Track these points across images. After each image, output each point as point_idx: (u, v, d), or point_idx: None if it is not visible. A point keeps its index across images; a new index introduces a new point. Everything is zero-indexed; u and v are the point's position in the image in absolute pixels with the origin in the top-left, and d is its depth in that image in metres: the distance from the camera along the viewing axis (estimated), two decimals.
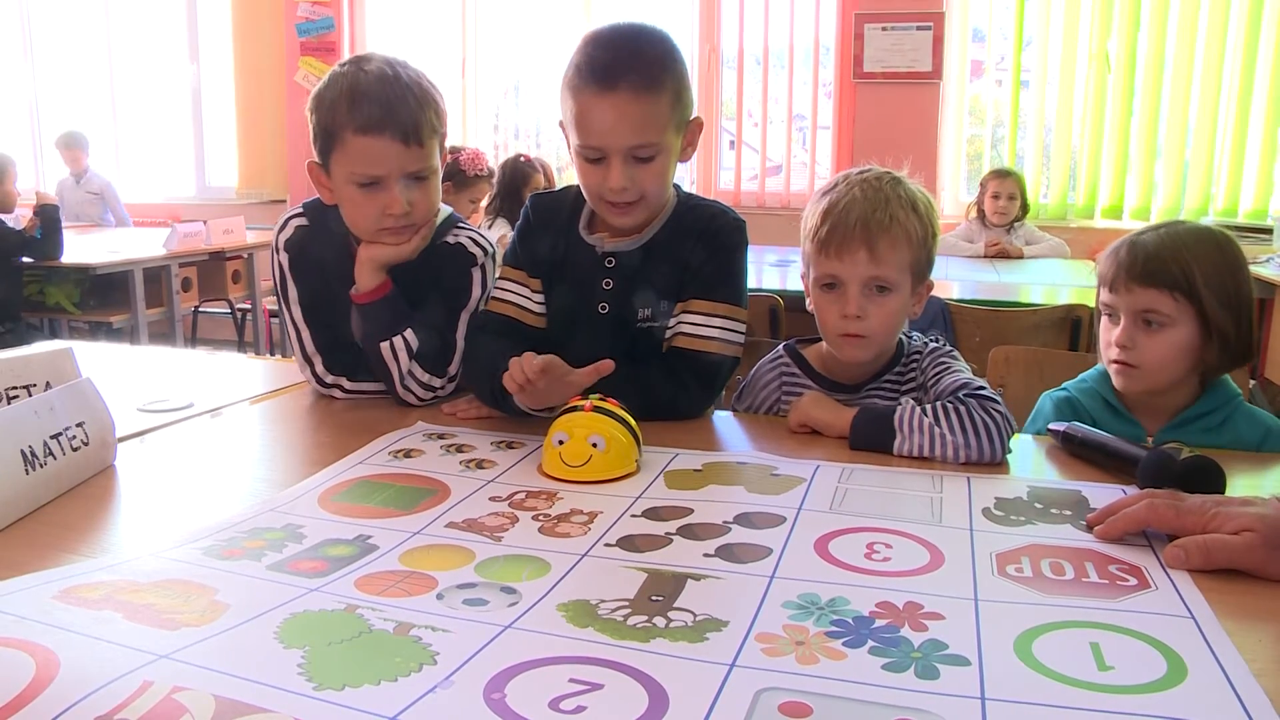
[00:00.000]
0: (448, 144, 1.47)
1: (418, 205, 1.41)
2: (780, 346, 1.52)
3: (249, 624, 0.76)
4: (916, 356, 1.42)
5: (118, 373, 1.68)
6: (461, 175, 3.66)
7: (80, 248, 4.58)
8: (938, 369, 1.37)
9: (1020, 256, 4.15)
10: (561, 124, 1.39)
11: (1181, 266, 1.36)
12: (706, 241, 1.42)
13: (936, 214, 1.41)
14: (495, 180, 3.91)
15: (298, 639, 0.74)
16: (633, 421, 1.17)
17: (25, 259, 4.17)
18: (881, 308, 1.36)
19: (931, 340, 1.44)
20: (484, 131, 6.13)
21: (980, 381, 1.30)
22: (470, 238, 1.51)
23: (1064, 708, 0.68)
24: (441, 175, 1.46)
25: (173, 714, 0.62)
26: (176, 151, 6.70)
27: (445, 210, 1.54)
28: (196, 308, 5.21)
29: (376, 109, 1.35)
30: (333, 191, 1.43)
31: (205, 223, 4.86)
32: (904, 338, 1.45)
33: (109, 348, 2.08)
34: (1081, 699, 0.69)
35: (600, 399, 1.18)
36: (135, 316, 4.45)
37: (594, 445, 1.12)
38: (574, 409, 1.16)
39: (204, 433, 1.36)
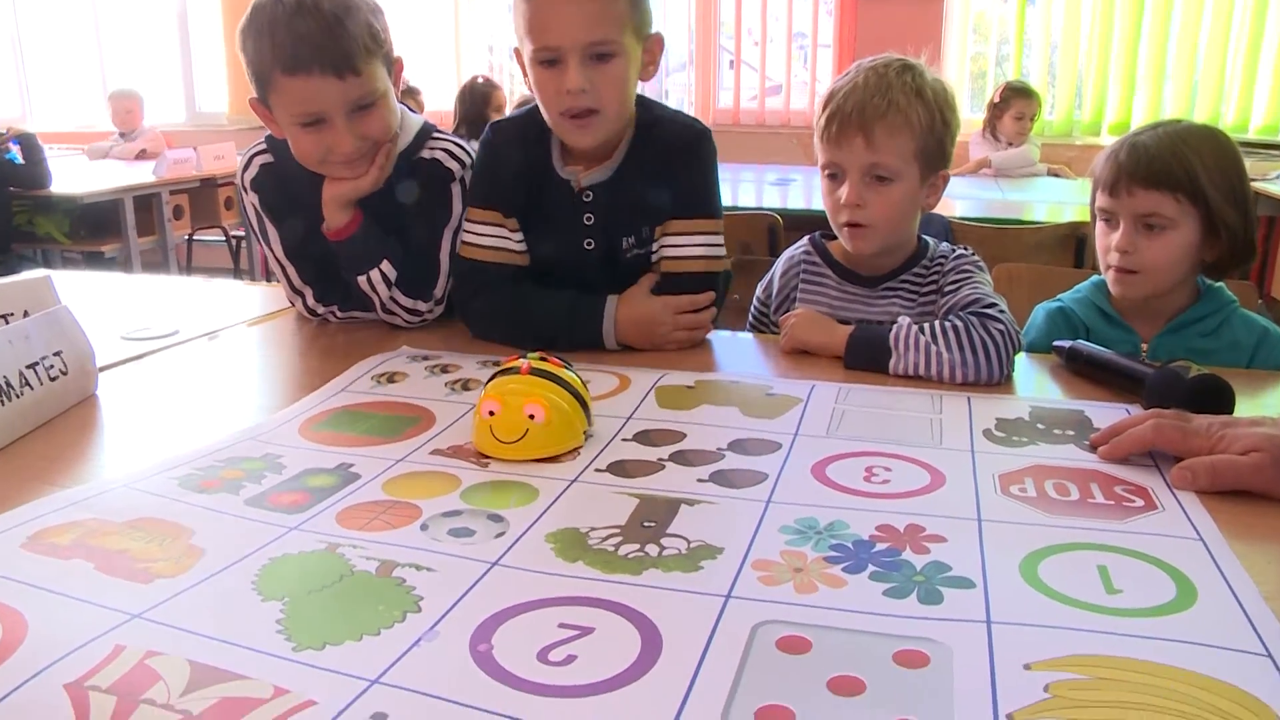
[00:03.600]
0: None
1: (369, 134, 1.33)
2: (807, 237, 1.49)
3: (226, 572, 0.73)
4: (941, 260, 1.38)
5: (103, 301, 1.64)
6: None
7: (68, 177, 4.51)
8: (958, 277, 1.33)
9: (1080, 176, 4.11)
10: (516, 50, 1.33)
11: (1185, 166, 1.32)
12: (675, 159, 1.37)
13: (952, 103, 1.35)
14: (456, 105, 3.83)
15: (277, 589, 0.70)
16: (580, 384, 0.99)
17: (12, 188, 4.10)
18: (882, 197, 1.32)
19: (961, 248, 1.40)
20: (479, 54, 6.00)
21: (995, 299, 1.27)
22: (446, 150, 1.44)
23: (1072, 630, 0.65)
24: (396, 88, 1.38)
25: (145, 681, 0.59)
26: (164, 78, 6.56)
27: (417, 121, 1.47)
28: (190, 236, 5.16)
29: (301, 45, 1.24)
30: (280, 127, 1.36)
31: (195, 149, 4.78)
32: (930, 240, 1.41)
33: (95, 276, 2.04)
34: (1090, 622, 0.66)
35: (541, 358, 1.00)
36: (127, 246, 4.41)
37: (530, 417, 0.94)
38: (508, 370, 0.98)
39: (188, 360, 1.32)
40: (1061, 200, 3.41)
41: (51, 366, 1.09)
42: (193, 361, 1.32)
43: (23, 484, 0.90)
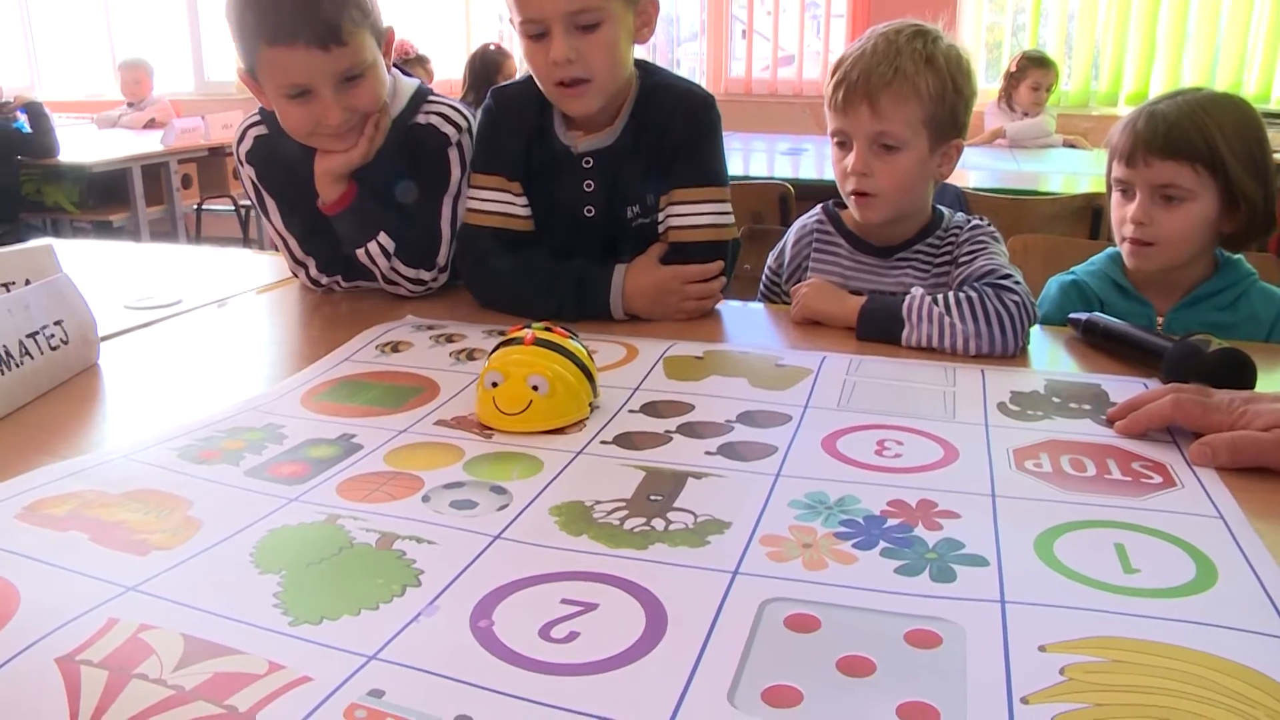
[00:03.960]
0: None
1: (358, 106, 1.30)
2: (819, 206, 1.46)
3: (224, 544, 0.71)
4: (956, 230, 1.36)
5: (108, 270, 1.63)
6: None
7: (77, 146, 4.50)
8: (973, 248, 1.31)
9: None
10: (512, 20, 1.31)
11: (1204, 135, 1.29)
12: (678, 126, 1.34)
13: (967, 70, 1.32)
14: (465, 71, 3.79)
15: (275, 562, 0.69)
16: (585, 354, 0.97)
17: (20, 157, 4.09)
18: (889, 166, 1.30)
19: (976, 218, 1.38)
20: (490, 22, 5.95)
21: (1010, 270, 1.24)
22: (441, 115, 1.41)
23: (1088, 610, 0.63)
24: (387, 59, 1.35)
25: (138, 655, 0.57)
26: (173, 47, 6.52)
27: (411, 85, 1.44)
28: (199, 205, 5.15)
29: (285, 16, 1.22)
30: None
31: (204, 118, 4.76)
32: (945, 210, 1.39)
33: (99, 245, 2.03)
34: (1107, 602, 0.64)
35: (545, 327, 0.97)
36: (136, 215, 4.40)
37: (534, 388, 0.92)
38: (512, 341, 0.96)
39: (191, 330, 1.31)
40: (1077, 171, 3.36)
41: (52, 336, 1.07)
42: (196, 331, 1.31)
43: (22, 454, 0.88)
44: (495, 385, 0.93)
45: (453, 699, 0.55)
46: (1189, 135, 1.29)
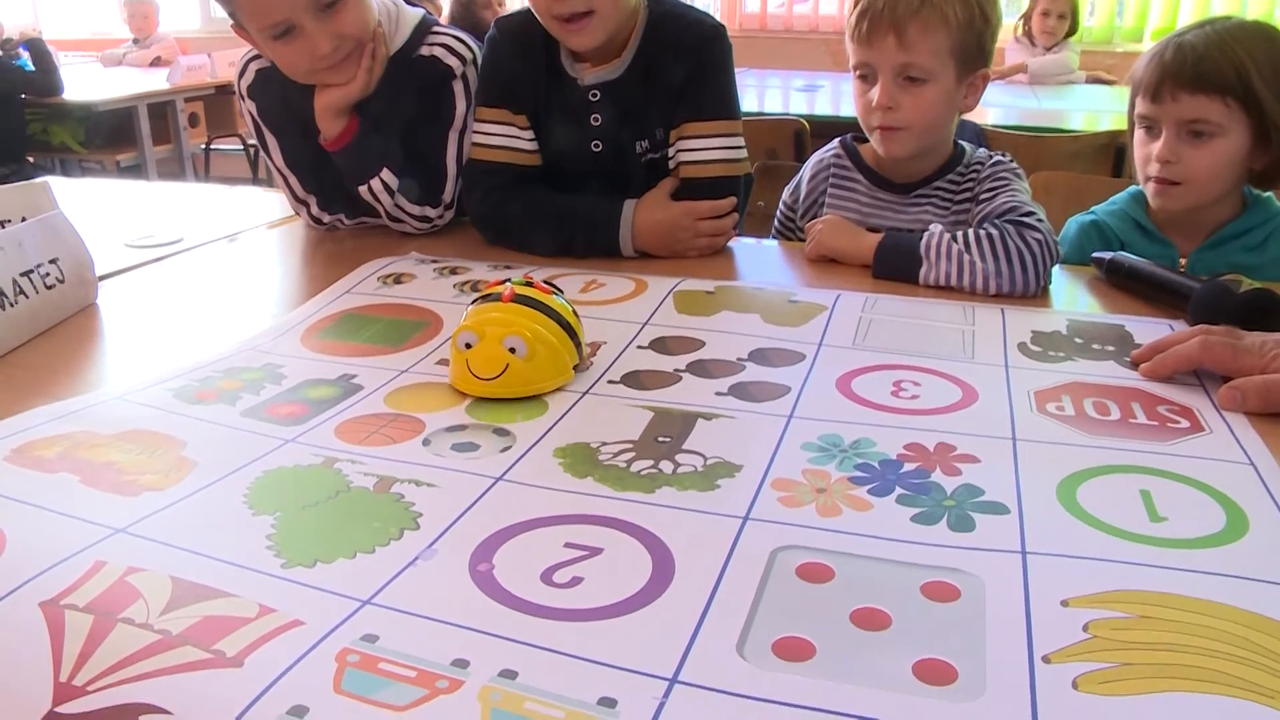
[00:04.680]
0: None
1: (345, 33, 1.25)
2: (837, 140, 1.42)
3: (217, 485, 0.69)
4: (978, 167, 1.31)
5: (110, 209, 1.60)
6: None
7: (82, 84, 4.44)
8: (995, 185, 1.27)
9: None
10: None
11: (1235, 66, 1.22)
12: (687, 57, 1.29)
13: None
14: (452, 7, 3.70)
15: (269, 503, 0.67)
16: (570, 312, 0.89)
17: (24, 95, 4.04)
18: (916, 98, 1.26)
19: (999, 154, 1.33)
20: None
21: (1032, 207, 1.20)
22: (445, 46, 1.36)
23: (1113, 562, 0.60)
24: None
25: (124, 599, 0.55)
26: None
27: (415, 15, 1.38)
28: (207, 145, 5.10)
29: None
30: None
31: (210, 55, 4.70)
32: (966, 145, 1.35)
33: (102, 183, 2.00)
34: (1132, 553, 0.61)
35: (526, 282, 0.89)
36: (142, 154, 4.36)
37: (511, 350, 0.83)
38: (489, 297, 0.88)
39: (193, 268, 1.28)
40: (1099, 108, 3.28)
41: (48, 274, 1.05)
42: (198, 270, 1.28)
43: (18, 395, 0.86)
44: (469, 347, 0.85)
45: (449, 643, 0.53)
46: (1219, 67, 1.23)
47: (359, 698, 0.48)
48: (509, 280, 0.89)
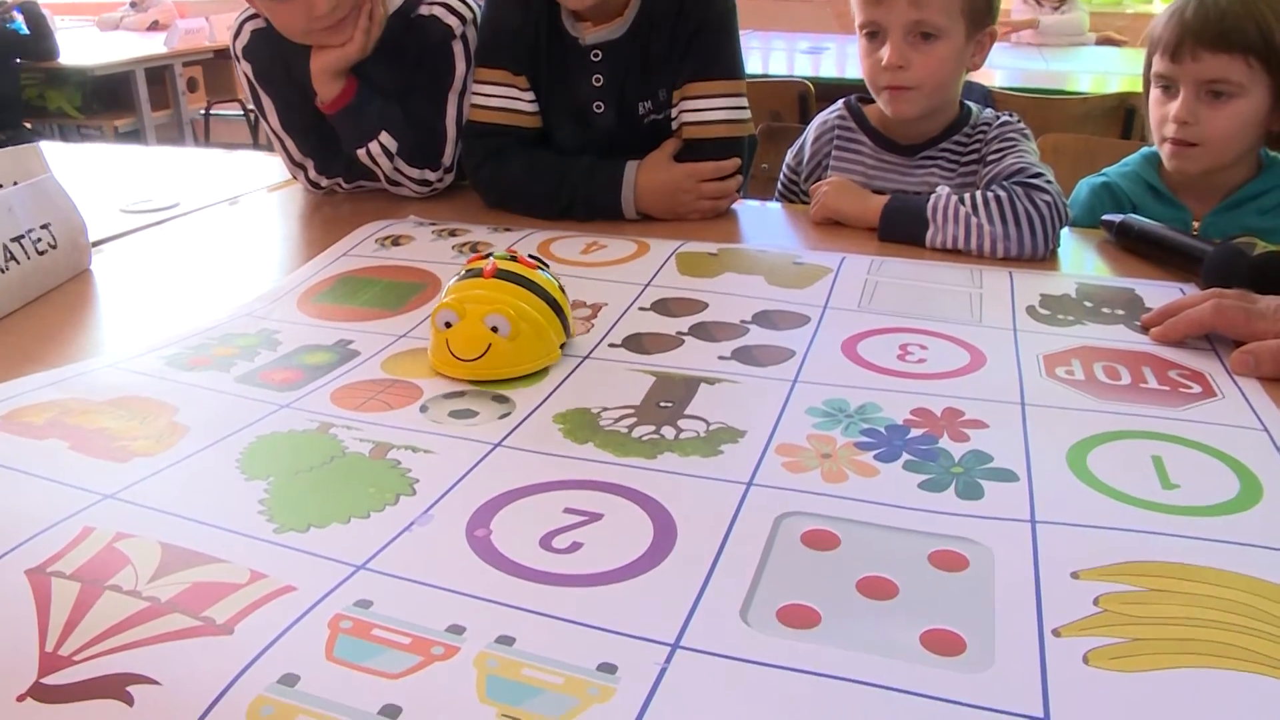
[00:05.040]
0: None
1: None
2: (840, 101, 1.40)
3: (209, 450, 0.68)
4: (984, 127, 1.29)
5: (105, 174, 1.58)
6: None
7: (78, 48, 4.40)
8: (1002, 145, 1.24)
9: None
10: None
11: (1259, 23, 1.19)
12: (691, 15, 1.26)
13: None
14: None
15: (262, 468, 0.65)
16: (556, 288, 0.84)
17: (19, 59, 4.01)
18: (927, 57, 1.23)
19: (1006, 114, 1.31)
20: None
21: (1041, 168, 1.18)
22: (444, 5, 1.33)
23: (1124, 531, 0.59)
24: None
25: (112, 565, 0.54)
26: None
27: None
28: (207, 110, 5.06)
29: None
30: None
31: (208, 19, 4.65)
32: (972, 106, 1.32)
33: (98, 148, 1.97)
34: (1144, 521, 0.60)
35: (510, 256, 0.84)
36: (141, 119, 4.33)
37: (494, 329, 0.79)
38: (472, 273, 0.82)
39: (189, 233, 1.27)
40: (1108, 70, 3.25)
41: (39, 240, 1.03)
42: (194, 235, 1.26)
43: (10, 363, 0.85)
44: (449, 326, 0.80)
45: (445, 609, 0.51)
46: (1242, 25, 1.20)
47: (352, 665, 0.47)
48: (491, 254, 0.84)
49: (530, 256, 0.85)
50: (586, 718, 0.44)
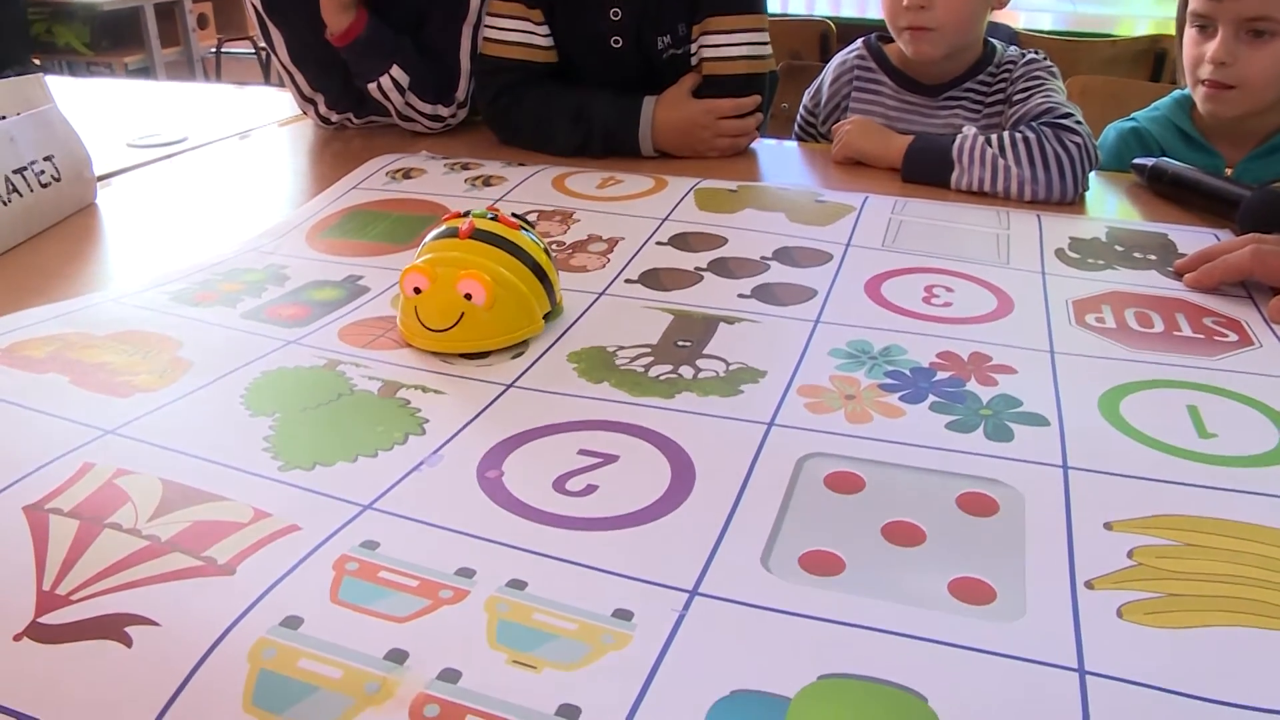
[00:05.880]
0: None
1: None
2: (860, 40, 1.36)
3: (213, 386, 0.66)
4: (1010, 66, 1.25)
5: (112, 108, 1.55)
6: None
7: None
8: (1029, 85, 1.20)
9: None
10: None
11: None
12: None
13: None
14: None
15: (267, 404, 0.63)
16: (540, 250, 0.75)
17: None
18: None
19: (1032, 53, 1.26)
20: None
21: (1069, 108, 1.14)
22: None
23: (1159, 482, 0.56)
24: None
25: (112, 502, 0.52)
26: None
27: None
28: (218, 47, 4.99)
29: None
30: None
31: None
32: (997, 44, 1.28)
33: (105, 83, 1.94)
34: (1179, 471, 0.58)
35: (490, 215, 0.75)
36: (150, 56, 4.27)
37: (467, 297, 0.70)
38: (447, 233, 0.74)
39: (197, 168, 1.24)
40: (1136, 13, 3.18)
41: (43, 172, 1.00)
42: (200, 170, 1.24)
43: (15, 295, 0.82)
44: (418, 292, 0.71)
45: (454, 551, 0.49)
46: None
47: (357, 608, 0.45)
48: (469, 212, 0.76)
49: (513, 215, 0.76)
50: (601, 665, 0.42)
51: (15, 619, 0.44)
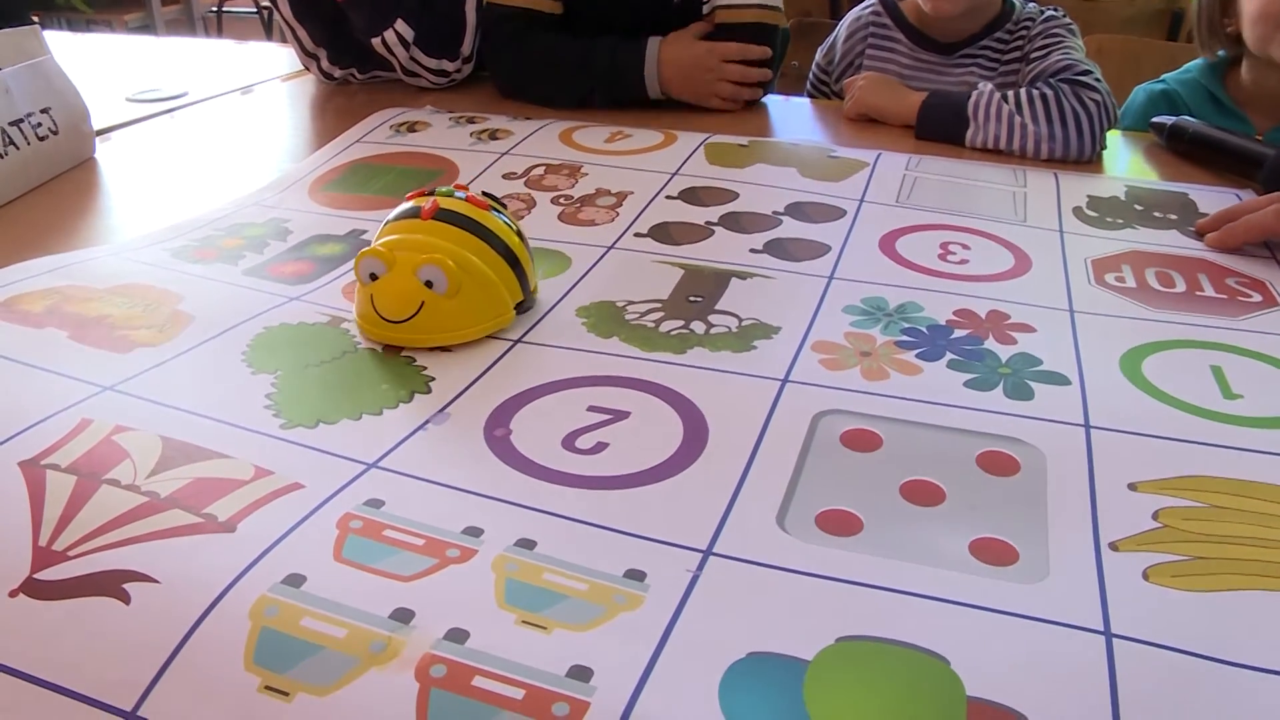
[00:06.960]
0: None
1: None
2: None
3: (214, 341, 0.64)
4: (1028, 23, 1.22)
5: (112, 62, 1.52)
6: None
7: None
8: (1047, 42, 1.18)
9: None
10: None
11: None
12: None
13: None
14: None
15: (269, 361, 0.62)
16: (512, 233, 0.68)
17: None
18: None
19: (1050, 9, 1.24)
20: None
21: (1088, 65, 1.11)
22: None
23: (1183, 442, 0.55)
24: None
25: (110, 459, 0.51)
26: None
27: None
28: (219, 6, 4.93)
29: None
30: None
31: None
32: (1015, 0, 1.25)
33: (104, 37, 1.91)
34: (1204, 431, 0.56)
35: (460, 194, 0.68)
36: (150, 14, 4.22)
37: (428, 284, 0.63)
38: (408, 213, 0.67)
39: (197, 123, 1.22)
40: None
41: (39, 125, 0.99)
42: (201, 125, 1.21)
43: (13, 249, 0.81)
44: (374, 278, 0.64)
45: (461, 510, 0.48)
46: None
47: (361, 566, 0.44)
48: (435, 190, 0.69)
49: (484, 194, 0.69)
50: (613, 626, 0.41)
51: (11, 575, 0.43)
